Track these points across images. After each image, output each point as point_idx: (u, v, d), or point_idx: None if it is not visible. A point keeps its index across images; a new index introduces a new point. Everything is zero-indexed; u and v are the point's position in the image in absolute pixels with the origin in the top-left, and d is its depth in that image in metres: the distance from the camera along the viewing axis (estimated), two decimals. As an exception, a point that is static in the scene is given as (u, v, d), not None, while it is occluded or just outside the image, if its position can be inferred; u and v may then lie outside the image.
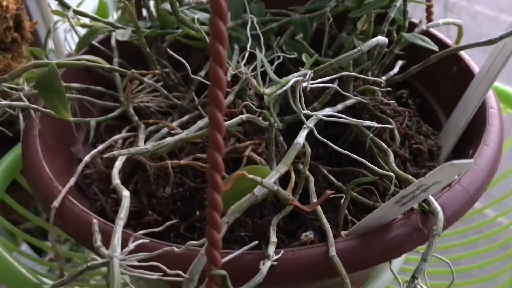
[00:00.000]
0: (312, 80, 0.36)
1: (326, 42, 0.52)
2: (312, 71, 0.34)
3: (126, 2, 0.45)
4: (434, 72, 0.50)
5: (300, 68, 0.35)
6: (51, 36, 0.56)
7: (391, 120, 0.44)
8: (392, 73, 0.48)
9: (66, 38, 0.57)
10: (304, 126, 0.35)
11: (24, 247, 0.78)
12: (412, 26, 0.51)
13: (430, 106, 0.51)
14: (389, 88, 0.44)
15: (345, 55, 0.36)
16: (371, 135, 0.41)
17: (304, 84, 0.34)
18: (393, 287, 0.48)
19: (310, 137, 0.38)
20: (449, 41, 0.50)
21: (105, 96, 0.51)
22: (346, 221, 0.37)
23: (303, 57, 0.38)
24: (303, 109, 0.35)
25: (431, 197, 0.33)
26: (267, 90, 0.32)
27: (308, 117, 0.36)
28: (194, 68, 0.55)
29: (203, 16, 0.48)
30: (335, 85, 0.38)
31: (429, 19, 0.55)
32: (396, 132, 0.42)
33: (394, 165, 0.38)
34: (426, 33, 0.48)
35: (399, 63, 0.50)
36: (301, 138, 0.35)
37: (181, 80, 0.51)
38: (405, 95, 0.50)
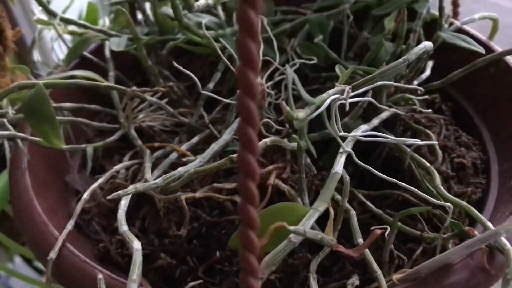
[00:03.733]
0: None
1: (345, 43, 0.46)
2: (350, 87, 0.29)
3: (121, 7, 0.39)
4: (467, 72, 0.44)
5: (336, 84, 0.30)
6: (37, 46, 0.50)
7: (428, 131, 0.39)
8: (424, 76, 0.43)
9: (53, 48, 0.51)
10: (341, 150, 0.30)
11: (18, 260, 0.74)
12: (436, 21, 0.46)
13: (463, 110, 0.46)
14: (426, 96, 0.39)
15: (390, 67, 0.31)
16: (411, 152, 0.35)
17: (340, 101, 0.29)
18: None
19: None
20: (484, 38, 0.45)
21: (99, 114, 0.46)
22: (391, 257, 0.32)
23: (337, 69, 0.33)
24: (339, 131, 0.30)
25: (496, 231, 0.28)
26: (301, 114, 0.27)
27: (342, 138, 0.31)
28: (198, 77, 0.49)
29: (210, 20, 0.42)
30: (370, 98, 0.33)
31: (455, 12, 0.50)
32: (437, 147, 0.37)
33: (443, 188, 0.33)
34: (460, 30, 0.43)
35: (430, 64, 0.44)
36: (339, 166, 0.29)
37: (185, 92, 0.46)
38: (438, 100, 0.44)
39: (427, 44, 0.33)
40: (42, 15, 0.51)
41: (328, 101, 0.28)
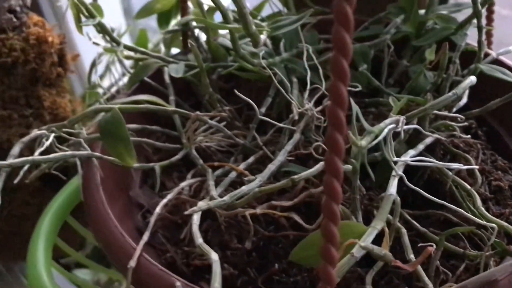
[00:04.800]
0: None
1: (386, 70, 0.50)
2: (404, 117, 0.32)
3: (192, 44, 0.43)
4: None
5: (391, 114, 0.33)
6: (96, 70, 0.54)
7: (468, 156, 0.42)
8: (461, 103, 0.46)
9: (111, 70, 0.55)
10: (394, 174, 0.33)
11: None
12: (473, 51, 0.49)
13: (498, 135, 0.48)
14: (466, 123, 0.42)
15: (441, 99, 0.34)
16: (453, 176, 0.38)
17: (397, 129, 0.32)
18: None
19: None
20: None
21: (155, 133, 0.49)
22: (436, 272, 0.35)
23: (391, 101, 0.36)
24: (393, 157, 0.33)
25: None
26: (364, 142, 0.30)
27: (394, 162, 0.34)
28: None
29: (264, 50, 0.46)
30: (416, 125, 0.36)
31: (489, 42, 0.53)
32: (476, 171, 0.40)
33: (484, 209, 0.36)
34: (496, 61, 0.46)
35: (467, 92, 0.47)
36: (393, 188, 0.32)
37: (236, 114, 0.49)
38: (474, 125, 0.47)
39: (473, 79, 0.36)
40: (99, 39, 0.56)
41: (386, 131, 0.31)
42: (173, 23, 0.69)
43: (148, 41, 0.62)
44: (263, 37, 0.41)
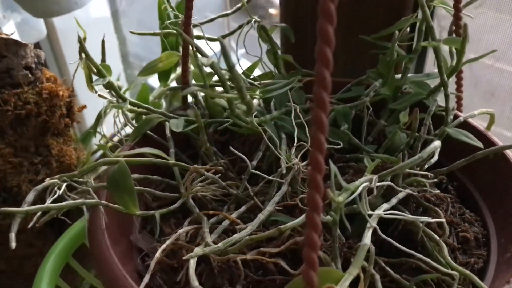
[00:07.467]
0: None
1: (365, 129, 0.55)
2: (377, 176, 0.37)
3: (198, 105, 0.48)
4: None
5: (365, 174, 0.38)
6: (102, 122, 0.59)
7: (437, 209, 0.46)
8: (433, 160, 0.51)
9: (115, 122, 0.60)
10: (368, 225, 0.38)
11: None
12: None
13: (467, 190, 0.53)
14: (436, 180, 0.46)
15: (408, 162, 0.39)
16: (423, 227, 0.43)
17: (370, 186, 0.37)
18: None
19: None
20: (482, 128, 0.53)
21: (155, 182, 0.54)
22: (408, 315, 0.39)
23: (365, 161, 0.41)
24: (367, 210, 0.37)
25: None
26: (341, 198, 0.35)
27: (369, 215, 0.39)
28: (240, 153, 0.58)
29: (256, 110, 0.51)
30: (390, 182, 0.41)
31: (459, 106, 0.59)
32: (445, 223, 0.44)
33: (450, 258, 0.40)
34: (463, 123, 0.52)
35: (438, 149, 0.52)
36: (367, 238, 0.37)
37: (230, 165, 0.54)
38: (445, 180, 0.52)
39: (437, 144, 0.41)
40: (103, 92, 0.61)
41: (360, 188, 0.36)
42: (173, 77, 0.75)
43: (149, 95, 0.67)
44: (256, 101, 0.46)
